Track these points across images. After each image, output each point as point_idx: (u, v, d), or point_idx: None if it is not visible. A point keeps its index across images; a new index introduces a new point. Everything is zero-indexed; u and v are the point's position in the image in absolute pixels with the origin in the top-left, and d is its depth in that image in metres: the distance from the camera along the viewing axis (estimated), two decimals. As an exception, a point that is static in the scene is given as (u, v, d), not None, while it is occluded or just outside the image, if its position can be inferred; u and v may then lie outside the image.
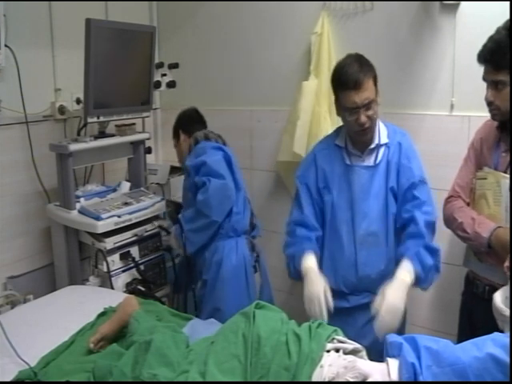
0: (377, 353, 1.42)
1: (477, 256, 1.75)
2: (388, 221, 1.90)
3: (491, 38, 1.60)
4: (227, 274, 2.16)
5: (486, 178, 1.71)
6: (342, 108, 1.82)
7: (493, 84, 1.61)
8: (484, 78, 1.64)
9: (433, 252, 1.80)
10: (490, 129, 1.77)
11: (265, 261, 2.36)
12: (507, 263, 1.48)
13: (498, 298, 1.39)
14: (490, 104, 1.64)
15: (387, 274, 1.89)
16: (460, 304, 1.93)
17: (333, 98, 1.92)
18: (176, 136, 2.43)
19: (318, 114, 2.46)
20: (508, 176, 1.63)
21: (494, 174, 1.69)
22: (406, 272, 1.71)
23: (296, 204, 2.00)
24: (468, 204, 1.79)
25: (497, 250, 1.62)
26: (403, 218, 1.86)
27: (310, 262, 1.83)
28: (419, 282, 1.76)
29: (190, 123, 2.40)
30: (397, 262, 1.80)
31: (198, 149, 2.23)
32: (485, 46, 1.61)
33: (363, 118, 1.78)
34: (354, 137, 1.89)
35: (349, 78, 1.75)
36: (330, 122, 2.44)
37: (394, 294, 1.65)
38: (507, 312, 1.33)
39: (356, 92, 1.75)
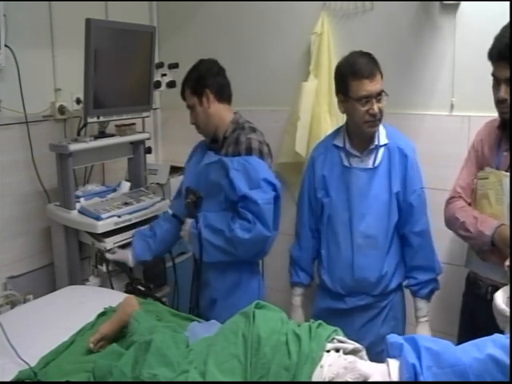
0: (374, 355, 1.42)
1: (479, 255, 1.75)
2: (389, 225, 1.90)
3: (504, 35, 1.55)
4: (243, 296, 2.01)
5: (487, 178, 1.71)
6: (353, 99, 1.80)
7: (507, 81, 1.56)
8: (495, 76, 1.60)
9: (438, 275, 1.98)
10: (491, 129, 1.76)
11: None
12: (508, 262, 1.48)
13: (500, 298, 1.38)
14: (503, 102, 1.59)
15: (385, 277, 1.91)
16: (461, 305, 1.93)
17: (333, 98, 1.93)
18: (196, 94, 2.07)
19: (317, 115, 2.46)
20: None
21: (496, 174, 1.69)
22: (425, 315, 1.96)
23: (298, 230, 2.10)
24: (469, 204, 1.78)
25: (500, 248, 1.62)
26: (408, 232, 1.94)
27: (297, 301, 2.10)
28: None
29: (217, 79, 2.08)
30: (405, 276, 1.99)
31: (250, 169, 1.91)
32: (499, 42, 1.56)
33: (376, 108, 1.79)
34: (362, 129, 1.85)
35: (363, 66, 1.78)
36: (329, 122, 2.44)
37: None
38: (508, 313, 1.32)
39: (370, 80, 1.77)
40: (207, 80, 2.07)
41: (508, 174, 1.65)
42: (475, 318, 1.80)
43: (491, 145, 1.75)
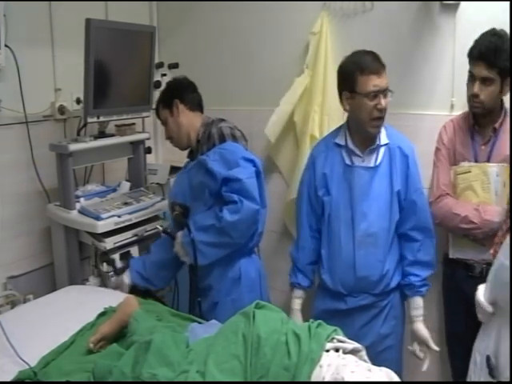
0: (375, 354, 1.42)
1: (479, 242, 1.87)
2: (391, 223, 1.91)
3: (486, 38, 1.80)
4: (245, 290, 2.02)
5: (469, 172, 1.89)
6: (361, 94, 1.81)
7: (482, 80, 1.81)
8: (472, 73, 1.83)
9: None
10: (458, 127, 1.97)
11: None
12: (492, 250, 1.57)
13: (481, 291, 1.46)
14: (475, 96, 1.83)
15: (386, 276, 1.91)
16: (447, 295, 2.06)
17: (326, 97, 1.95)
18: (167, 107, 2.14)
19: (307, 114, 2.47)
20: (494, 165, 1.86)
21: (479, 166, 1.88)
22: (419, 315, 1.94)
23: (297, 230, 2.09)
24: None
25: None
26: (411, 229, 1.93)
27: (296, 304, 2.06)
28: None
29: (187, 91, 2.15)
30: (402, 270, 1.97)
31: (226, 154, 1.95)
32: (481, 43, 1.80)
33: (384, 103, 1.80)
34: (366, 128, 1.86)
35: (370, 62, 1.81)
36: (317, 123, 2.43)
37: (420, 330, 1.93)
38: (487, 307, 1.41)
39: (378, 76, 1.80)
40: (175, 91, 2.15)
41: (491, 164, 1.86)
42: (471, 299, 1.86)
43: (463, 141, 1.93)
